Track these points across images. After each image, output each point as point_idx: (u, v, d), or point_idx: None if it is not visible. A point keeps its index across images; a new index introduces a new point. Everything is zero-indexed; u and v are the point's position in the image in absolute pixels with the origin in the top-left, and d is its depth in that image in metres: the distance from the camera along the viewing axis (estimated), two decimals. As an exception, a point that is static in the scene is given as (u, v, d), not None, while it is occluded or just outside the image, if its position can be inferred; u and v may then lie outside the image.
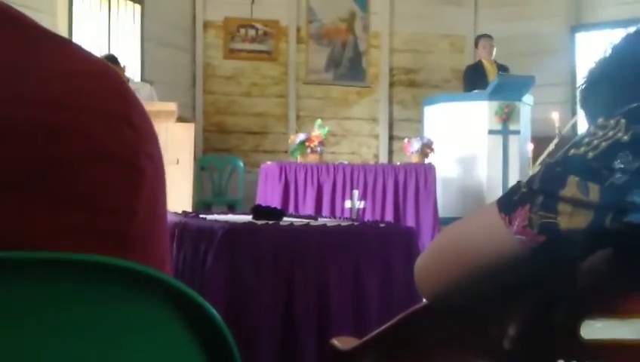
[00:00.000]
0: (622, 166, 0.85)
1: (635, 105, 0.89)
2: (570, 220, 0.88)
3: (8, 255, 0.47)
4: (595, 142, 0.89)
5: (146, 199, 0.56)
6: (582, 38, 9.23)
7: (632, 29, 1.05)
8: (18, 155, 0.50)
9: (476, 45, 8.37)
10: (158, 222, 0.59)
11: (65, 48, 0.57)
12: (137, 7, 8.18)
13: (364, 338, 1.28)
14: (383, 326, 1.21)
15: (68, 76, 0.54)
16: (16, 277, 0.47)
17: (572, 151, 0.91)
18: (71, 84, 0.54)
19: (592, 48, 8.87)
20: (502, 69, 8.08)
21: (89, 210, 0.52)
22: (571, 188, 0.88)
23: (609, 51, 1.06)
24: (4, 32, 0.54)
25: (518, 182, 0.97)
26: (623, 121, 0.88)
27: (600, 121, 0.91)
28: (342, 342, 1.39)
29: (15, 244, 0.49)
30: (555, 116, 7.17)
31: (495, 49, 8.23)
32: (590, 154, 0.88)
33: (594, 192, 0.86)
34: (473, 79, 8.05)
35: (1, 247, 0.48)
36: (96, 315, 0.49)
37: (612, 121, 0.89)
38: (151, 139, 0.58)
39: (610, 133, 0.88)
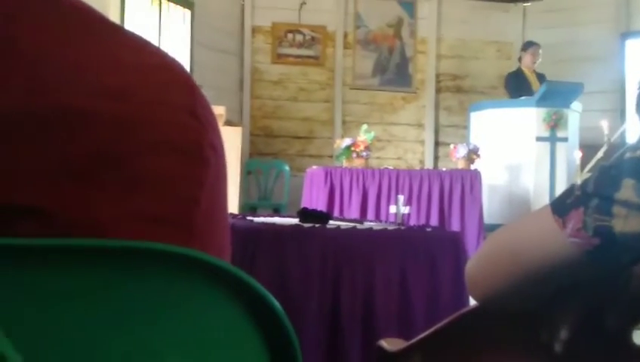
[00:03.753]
0: (678, 169, 0.85)
1: (693, 108, 0.89)
2: (625, 223, 0.87)
3: (79, 242, 0.48)
4: (652, 145, 0.88)
5: (209, 189, 0.57)
6: (632, 44, 9.08)
7: None
8: (88, 145, 0.51)
9: (524, 51, 8.27)
10: (220, 212, 0.60)
11: (132, 41, 0.59)
12: (187, 12, 8.27)
13: (413, 340, 1.28)
14: (432, 328, 1.21)
15: (135, 68, 0.56)
16: (83, 264, 0.48)
17: (628, 154, 0.90)
18: (138, 75, 0.55)
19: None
20: (540, 77, 7.98)
21: (155, 199, 0.53)
22: (627, 191, 0.87)
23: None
24: (74, 25, 0.56)
25: (572, 184, 0.96)
26: (680, 124, 0.87)
27: (656, 124, 0.90)
28: (389, 344, 1.39)
29: (86, 232, 0.50)
30: (604, 124, 7.07)
31: (540, 59, 8.14)
32: (646, 158, 0.87)
33: (649, 196, 0.86)
34: (517, 86, 7.97)
35: (74, 234, 0.50)
36: (158, 301, 0.51)
37: (669, 124, 0.88)
38: (214, 129, 0.59)
39: (667, 136, 0.87)
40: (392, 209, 6.29)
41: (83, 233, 0.50)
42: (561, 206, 0.94)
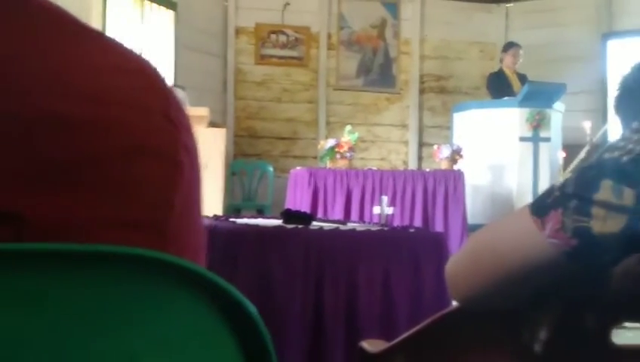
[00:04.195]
0: (657, 170, 0.85)
1: (670, 109, 0.89)
2: (604, 224, 0.88)
3: (53, 247, 0.48)
4: (630, 146, 0.88)
5: (184, 193, 0.57)
6: (613, 45, 9.14)
7: None
8: (63, 149, 0.51)
9: (504, 52, 8.30)
10: (195, 216, 0.60)
11: (105, 44, 0.58)
12: (170, 13, 8.24)
13: (394, 341, 1.28)
14: (413, 329, 1.22)
15: (108, 71, 0.55)
16: (60, 269, 0.48)
17: (606, 155, 0.90)
18: (111, 79, 0.55)
19: (624, 56, 8.78)
20: (522, 78, 8.02)
21: (128, 203, 0.53)
22: (605, 192, 0.87)
23: (643, 57, 1.06)
24: (44, 27, 0.55)
25: (552, 185, 0.96)
26: (657, 125, 0.88)
27: (635, 125, 0.91)
28: (371, 345, 1.39)
29: (61, 237, 0.50)
30: (587, 124, 7.11)
31: (521, 60, 8.18)
32: (625, 158, 0.88)
33: (628, 196, 0.86)
34: (498, 87, 8.00)
35: (49, 239, 0.49)
36: (132, 306, 0.50)
37: (646, 126, 0.89)
38: (188, 133, 0.59)
39: (645, 137, 0.88)
40: (376, 210, 6.28)
41: (58, 238, 0.50)
42: (540, 207, 0.95)
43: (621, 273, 0.97)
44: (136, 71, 0.57)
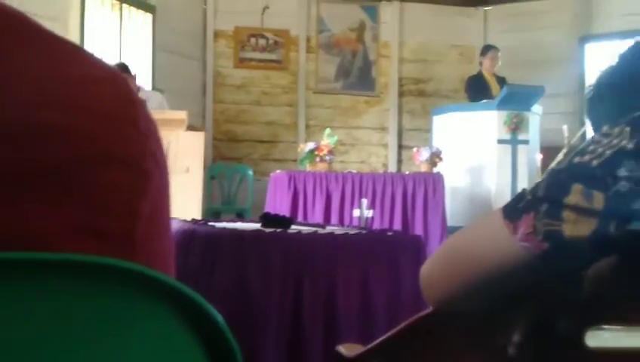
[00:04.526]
0: (626, 174, 0.86)
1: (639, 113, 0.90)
2: (575, 228, 0.88)
3: (15, 256, 0.47)
4: (600, 150, 0.89)
5: (151, 201, 0.56)
6: (591, 48, 9.22)
7: (637, 39, 1.05)
8: (27, 157, 0.50)
9: (483, 55, 8.34)
10: (162, 225, 0.59)
11: (73, 54, 0.58)
12: (149, 16, 8.21)
13: (370, 345, 1.28)
14: (388, 333, 1.22)
15: (75, 81, 0.55)
16: (22, 278, 0.47)
17: (577, 158, 0.91)
18: (78, 88, 0.55)
19: (601, 59, 8.86)
20: (500, 81, 8.06)
21: (95, 212, 0.53)
22: (576, 195, 0.88)
23: (615, 61, 1.07)
24: (15, 38, 0.55)
25: (523, 189, 0.97)
26: (627, 129, 0.88)
27: (605, 129, 0.91)
28: (347, 349, 1.39)
29: (22, 245, 0.49)
30: (565, 127, 7.16)
31: (500, 62, 8.22)
32: (595, 162, 0.88)
33: (598, 200, 0.87)
34: (476, 90, 8.04)
35: (9, 248, 0.49)
36: (98, 317, 0.50)
37: (616, 129, 0.89)
38: (156, 141, 0.58)
39: (615, 141, 0.88)
40: (356, 212, 6.29)
41: (20, 247, 0.49)
42: (512, 210, 0.95)
43: (592, 276, 0.98)
44: (105, 80, 0.57)
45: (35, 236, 0.50)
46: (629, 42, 1.08)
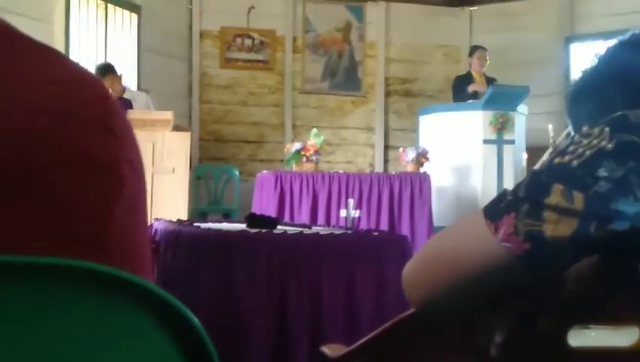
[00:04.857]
0: (606, 174, 0.86)
1: (619, 113, 0.90)
2: (555, 228, 0.88)
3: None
4: (580, 150, 0.89)
5: (125, 204, 0.56)
6: (576, 48, 9.26)
7: (616, 41, 1.06)
8: None
9: (471, 55, 8.37)
10: (138, 227, 0.59)
11: (46, 56, 0.57)
12: (134, 16, 8.18)
13: (353, 346, 1.28)
14: (372, 334, 1.22)
15: (48, 83, 0.54)
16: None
17: (557, 159, 0.91)
18: (51, 90, 0.54)
19: (586, 59, 8.87)
20: (490, 81, 8.08)
21: (66, 215, 0.52)
22: (556, 196, 0.88)
23: (595, 62, 1.07)
24: None
25: (504, 190, 0.97)
26: (606, 129, 0.89)
27: (585, 129, 0.92)
28: (331, 350, 1.39)
29: None
30: (550, 127, 7.19)
31: (488, 62, 8.24)
32: (575, 163, 0.88)
33: (578, 200, 0.87)
34: (462, 89, 8.06)
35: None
36: (72, 319, 0.49)
37: (596, 130, 0.90)
38: (131, 144, 0.58)
39: (595, 142, 0.88)
40: (343, 213, 6.30)
41: None
42: (493, 211, 0.95)
43: (574, 276, 0.98)
44: (77, 81, 0.57)
45: (6, 241, 0.50)
46: (613, 42, 1.09)
